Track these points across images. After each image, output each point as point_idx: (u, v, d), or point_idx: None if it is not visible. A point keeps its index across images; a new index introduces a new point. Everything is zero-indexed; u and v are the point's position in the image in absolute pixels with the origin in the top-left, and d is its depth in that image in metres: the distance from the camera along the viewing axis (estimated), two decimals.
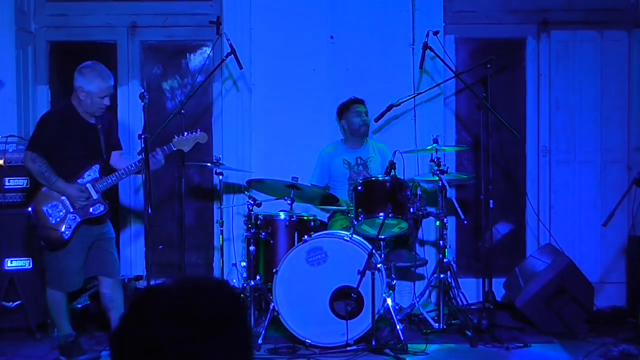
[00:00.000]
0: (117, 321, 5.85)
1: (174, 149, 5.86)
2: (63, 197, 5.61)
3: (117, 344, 1.75)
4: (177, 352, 1.66)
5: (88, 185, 5.66)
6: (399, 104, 6.88)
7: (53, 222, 5.62)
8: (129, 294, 6.07)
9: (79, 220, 5.65)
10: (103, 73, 5.67)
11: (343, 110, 6.96)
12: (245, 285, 6.20)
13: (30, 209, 5.70)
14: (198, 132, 5.95)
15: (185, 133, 5.89)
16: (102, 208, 5.71)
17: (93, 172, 5.69)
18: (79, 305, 6.36)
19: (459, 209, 6.39)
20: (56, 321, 5.88)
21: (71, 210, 5.63)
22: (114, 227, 6.05)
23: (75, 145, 5.68)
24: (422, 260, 6.89)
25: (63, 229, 5.63)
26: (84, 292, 6.37)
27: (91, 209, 5.69)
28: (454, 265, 6.73)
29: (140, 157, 5.63)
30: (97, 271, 5.80)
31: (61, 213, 5.63)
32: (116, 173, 5.73)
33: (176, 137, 5.87)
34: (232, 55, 6.81)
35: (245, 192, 6.55)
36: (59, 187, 5.59)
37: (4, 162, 6.55)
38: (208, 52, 7.66)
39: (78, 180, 5.65)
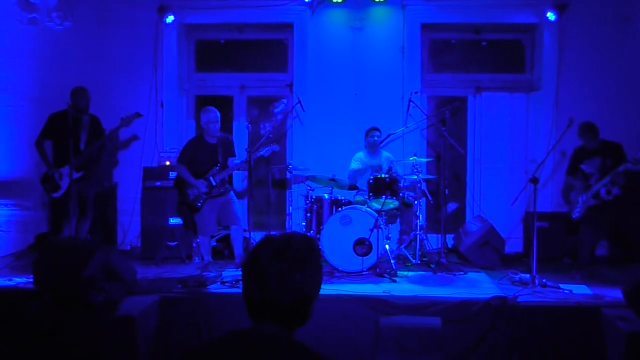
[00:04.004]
0: (237, 253, 5.68)
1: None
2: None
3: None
4: (275, 278, 1.63)
5: (210, 178, 5.62)
6: (395, 133, 6.81)
7: (191, 198, 5.64)
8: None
9: (204, 197, 5.63)
10: (211, 113, 5.60)
11: (367, 133, 6.65)
12: None
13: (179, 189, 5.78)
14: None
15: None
16: (219, 190, 5.65)
17: (214, 170, 5.63)
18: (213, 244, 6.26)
19: (427, 194, 6.44)
20: (203, 253, 5.86)
21: (200, 192, 5.64)
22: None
23: (203, 157, 5.65)
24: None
25: (208, 202, 5.65)
26: (214, 238, 6.31)
27: (213, 192, 5.64)
28: (425, 226, 6.55)
29: (240, 160, 5.61)
30: (227, 222, 5.77)
31: (195, 193, 5.63)
32: (227, 170, 5.65)
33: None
34: (299, 104, 6.73)
35: (305, 183, 6.39)
36: (192, 182, 5.61)
37: (170, 162, 6.55)
38: (285, 101, 7.58)
39: (206, 175, 5.62)
